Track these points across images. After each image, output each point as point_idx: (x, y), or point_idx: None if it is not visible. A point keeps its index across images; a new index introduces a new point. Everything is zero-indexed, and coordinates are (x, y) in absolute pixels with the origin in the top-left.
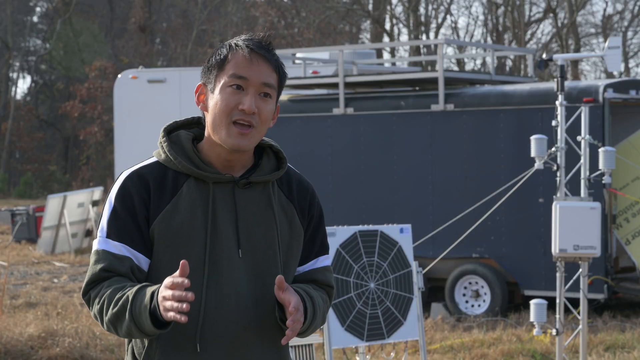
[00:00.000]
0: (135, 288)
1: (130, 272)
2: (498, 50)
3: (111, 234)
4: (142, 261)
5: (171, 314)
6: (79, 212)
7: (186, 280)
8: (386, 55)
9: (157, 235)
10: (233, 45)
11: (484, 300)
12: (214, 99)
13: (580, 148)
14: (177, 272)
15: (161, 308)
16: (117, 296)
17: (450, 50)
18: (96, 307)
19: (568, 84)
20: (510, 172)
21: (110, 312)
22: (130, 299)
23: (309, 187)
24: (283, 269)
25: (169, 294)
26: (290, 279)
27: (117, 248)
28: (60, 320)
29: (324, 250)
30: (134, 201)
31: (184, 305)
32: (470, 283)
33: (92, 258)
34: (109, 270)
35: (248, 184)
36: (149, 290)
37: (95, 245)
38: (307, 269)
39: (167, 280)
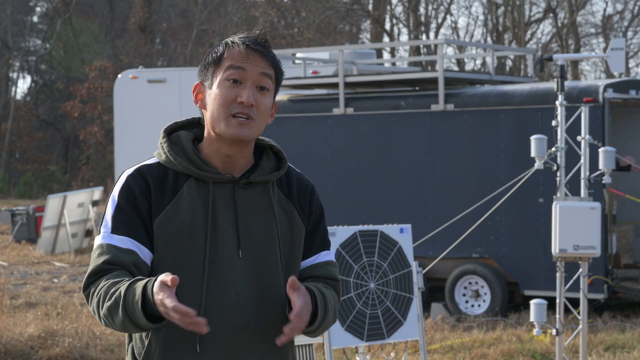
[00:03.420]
0: (127, 283)
1: (133, 266)
2: (498, 50)
3: (116, 228)
4: (147, 255)
5: (191, 328)
6: (79, 212)
7: (191, 311)
8: (386, 55)
9: (157, 235)
10: (229, 42)
11: (484, 300)
12: (212, 94)
13: (580, 148)
14: (174, 303)
15: (167, 317)
16: (112, 290)
17: (450, 50)
18: (94, 301)
19: (568, 84)
20: (510, 172)
21: (105, 305)
22: (122, 293)
23: (309, 184)
24: (286, 268)
25: (176, 317)
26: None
27: (123, 242)
28: (60, 320)
29: (325, 246)
30: (137, 196)
31: (205, 329)
32: (470, 283)
33: (96, 252)
34: (113, 262)
35: (248, 184)
36: (140, 284)
37: (99, 240)
38: (309, 264)
39: (168, 303)
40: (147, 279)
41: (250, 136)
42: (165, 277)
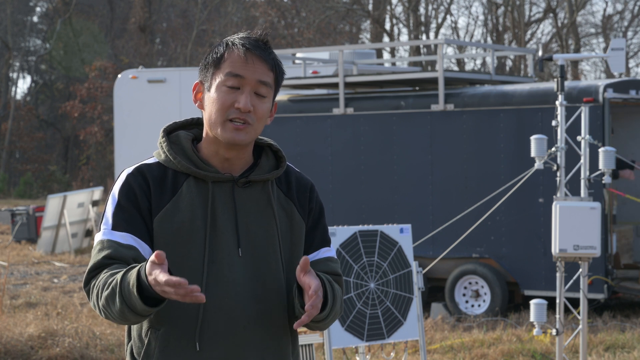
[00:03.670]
0: (124, 271)
1: (133, 261)
2: (498, 50)
3: (116, 225)
4: (147, 252)
5: (188, 299)
6: (79, 212)
7: (183, 280)
8: (386, 55)
9: (157, 233)
10: (230, 43)
11: (484, 300)
12: (210, 97)
13: (580, 148)
14: (166, 277)
15: (165, 296)
16: (110, 280)
17: (450, 50)
18: (94, 293)
19: (568, 84)
20: (510, 172)
21: (102, 295)
22: (119, 281)
23: (308, 182)
24: (286, 267)
25: (171, 291)
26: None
27: (124, 238)
28: (60, 320)
29: (325, 243)
30: (137, 194)
31: (201, 297)
32: (470, 283)
33: (96, 248)
34: (113, 257)
35: (247, 183)
36: (134, 270)
37: (99, 236)
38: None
39: (161, 278)
40: (141, 264)
41: (247, 141)
42: (152, 256)
